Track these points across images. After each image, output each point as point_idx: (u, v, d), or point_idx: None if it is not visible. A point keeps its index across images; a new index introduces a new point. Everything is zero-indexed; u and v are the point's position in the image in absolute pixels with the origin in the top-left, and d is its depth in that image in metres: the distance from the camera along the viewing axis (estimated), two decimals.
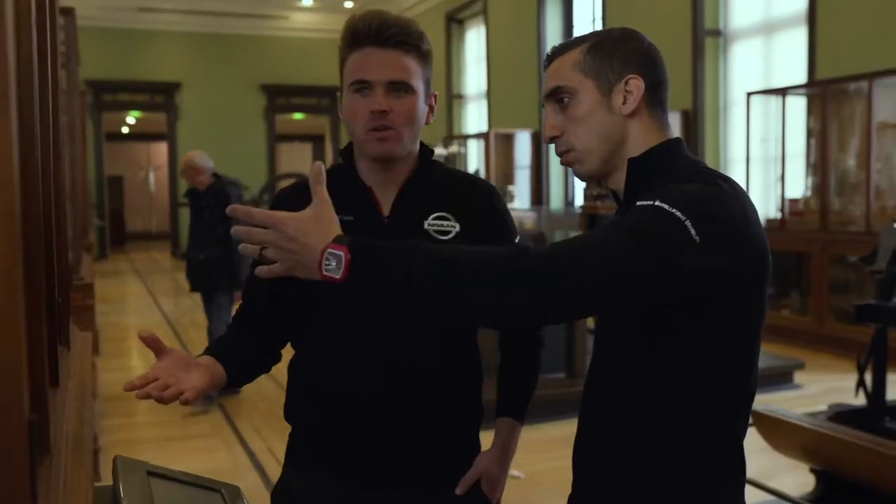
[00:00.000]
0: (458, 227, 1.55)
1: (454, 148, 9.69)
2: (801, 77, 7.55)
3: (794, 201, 7.42)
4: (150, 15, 15.03)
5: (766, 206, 7.95)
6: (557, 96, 1.28)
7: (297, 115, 17.11)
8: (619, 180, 1.29)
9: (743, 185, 7.21)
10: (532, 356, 1.71)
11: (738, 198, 1.16)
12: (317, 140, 18.91)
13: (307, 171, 1.67)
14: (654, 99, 1.27)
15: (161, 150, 18.13)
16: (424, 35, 1.53)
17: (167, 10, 14.96)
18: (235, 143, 15.49)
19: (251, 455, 4.27)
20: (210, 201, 5.21)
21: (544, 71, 1.34)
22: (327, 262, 1.09)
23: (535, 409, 5.87)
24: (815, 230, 7.02)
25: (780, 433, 3.06)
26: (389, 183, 1.55)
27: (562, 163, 1.31)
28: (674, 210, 1.09)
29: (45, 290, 1.55)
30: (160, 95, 15.66)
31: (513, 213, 6.65)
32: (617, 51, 1.27)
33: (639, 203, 1.13)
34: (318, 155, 18.72)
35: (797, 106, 7.50)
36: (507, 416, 1.64)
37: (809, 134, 7.36)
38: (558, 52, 1.31)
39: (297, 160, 18.30)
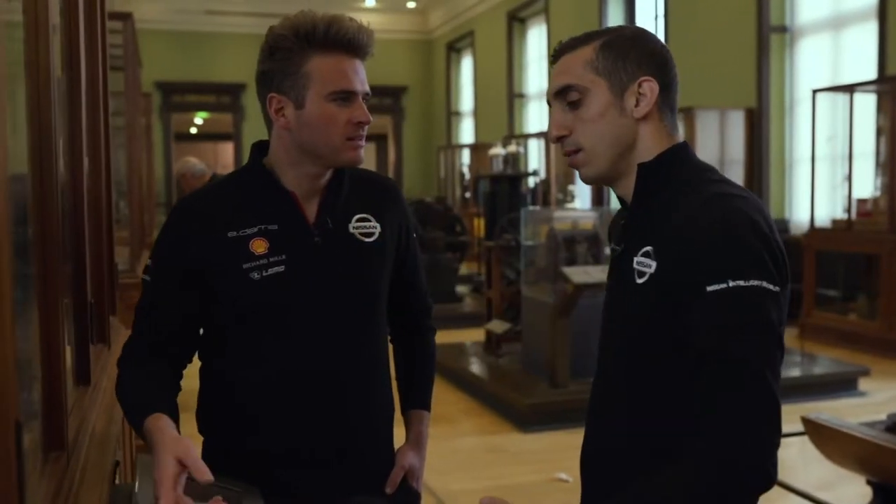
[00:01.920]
0: (379, 228, 1.55)
1: (512, 147, 9.62)
2: (870, 73, 7.29)
3: (862, 201, 7.17)
4: (216, 18, 15.36)
5: (832, 207, 7.71)
6: (567, 95, 1.24)
7: None
8: (626, 186, 1.26)
9: (808, 184, 7.00)
10: (428, 343, 1.73)
11: (761, 211, 1.15)
12: (380, 139, 19.03)
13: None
14: (666, 102, 1.24)
15: (228, 149, 18.51)
16: None
17: (233, 12, 15.27)
18: None
19: None
20: None
21: (551, 63, 1.30)
22: None
23: (582, 414, 5.74)
24: (884, 231, 6.76)
25: (833, 443, 2.96)
26: (315, 189, 1.52)
27: (569, 164, 1.28)
28: (751, 282, 1.08)
29: (74, 290, 1.59)
30: (226, 96, 15.98)
31: (571, 213, 6.52)
32: (630, 51, 1.23)
33: (711, 289, 1.09)
34: (382, 154, 18.85)
35: (866, 103, 7.24)
36: (416, 409, 1.68)
37: (879, 132, 7.11)
38: (567, 47, 1.26)
39: None
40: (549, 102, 1.29)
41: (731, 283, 1.08)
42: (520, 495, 3.86)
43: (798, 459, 4.15)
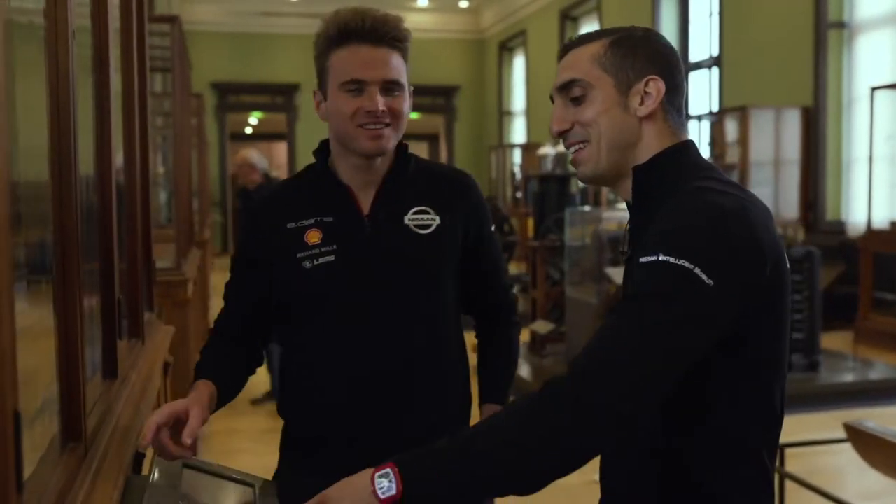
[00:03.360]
0: (438, 220, 1.57)
1: (561, 147, 9.56)
2: None
3: None
4: (271, 19, 15.60)
5: (891, 208, 7.50)
6: (571, 89, 1.21)
7: (413, 115, 17.25)
8: (627, 189, 1.23)
9: (865, 184, 6.83)
10: (511, 339, 1.74)
11: (744, 211, 1.09)
12: (432, 139, 19.10)
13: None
14: (672, 103, 1.21)
15: (282, 149, 18.75)
16: (409, 32, 1.55)
17: (288, 13, 15.49)
18: None
19: None
20: None
21: (558, 62, 1.27)
22: (380, 486, 1.05)
23: None
24: None
25: (877, 450, 2.88)
26: (369, 181, 1.56)
27: (572, 161, 1.24)
28: (681, 261, 1.04)
29: (102, 287, 1.64)
30: (280, 97, 16.21)
31: (618, 214, 6.41)
32: (639, 50, 1.20)
33: (643, 260, 1.07)
34: (433, 153, 18.90)
35: None
36: (489, 403, 1.68)
37: None
38: (575, 43, 1.25)
39: None
40: (551, 98, 1.27)
41: (661, 258, 1.05)
42: (558, 497, 3.83)
43: (846, 467, 4.05)
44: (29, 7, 1.14)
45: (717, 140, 9.14)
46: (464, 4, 16.37)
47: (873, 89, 7.24)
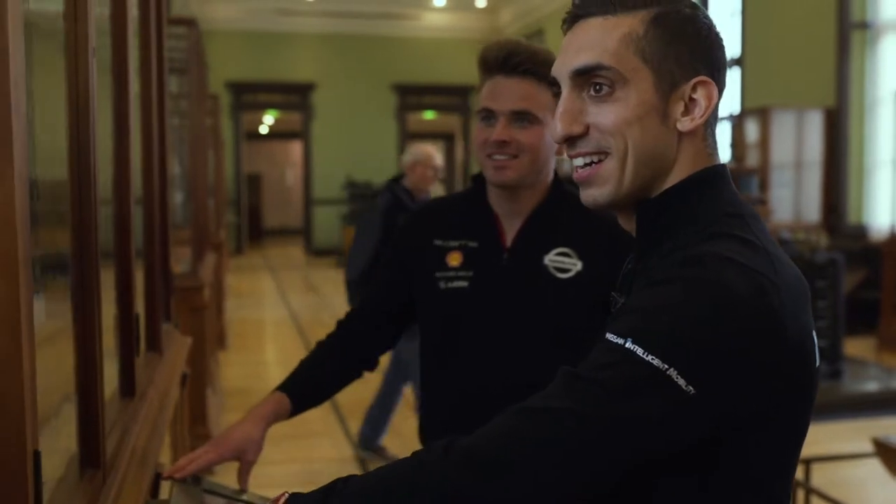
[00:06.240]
0: (579, 266, 1.48)
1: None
2: None
3: None
4: (287, 18, 15.57)
5: None
6: (592, 76, 0.90)
7: (429, 114, 17.29)
8: (632, 222, 0.97)
9: (889, 188, 6.74)
10: None
11: (763, 297, 0.82)
12: (447, 138, 19.05)
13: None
14: (716, 115, 0.94)
15: (297, 148, 18.76)
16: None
17: (303, 12, 15.46)
18: (367, 142, 15.84)
19: (362, 459, 4.31)
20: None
21: (566, 29, 0.95)
22: None
23: None
24: None
25: None
26: (517, 212, 1.52)
27: (578, 177, 0.93)
28: (650, 358, 0.79)
29: (119, 302, 1.60)
30: (295, 95, 16.18)
31: None
32: (690, 37, 0.90)
33: (608, 337, 0.84)
34: (449, 153, 18.85)
35: None
36: None
37: None
38: (599, 8, 0.91)
39: None
40: (552, 81, 0.96)
41: (629, 345, 0.81)
42: None
43: (870, 478, 3.97)
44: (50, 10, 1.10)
45: (737, 142, 9.05)
46: (481, 4, 16.28)
47: None
